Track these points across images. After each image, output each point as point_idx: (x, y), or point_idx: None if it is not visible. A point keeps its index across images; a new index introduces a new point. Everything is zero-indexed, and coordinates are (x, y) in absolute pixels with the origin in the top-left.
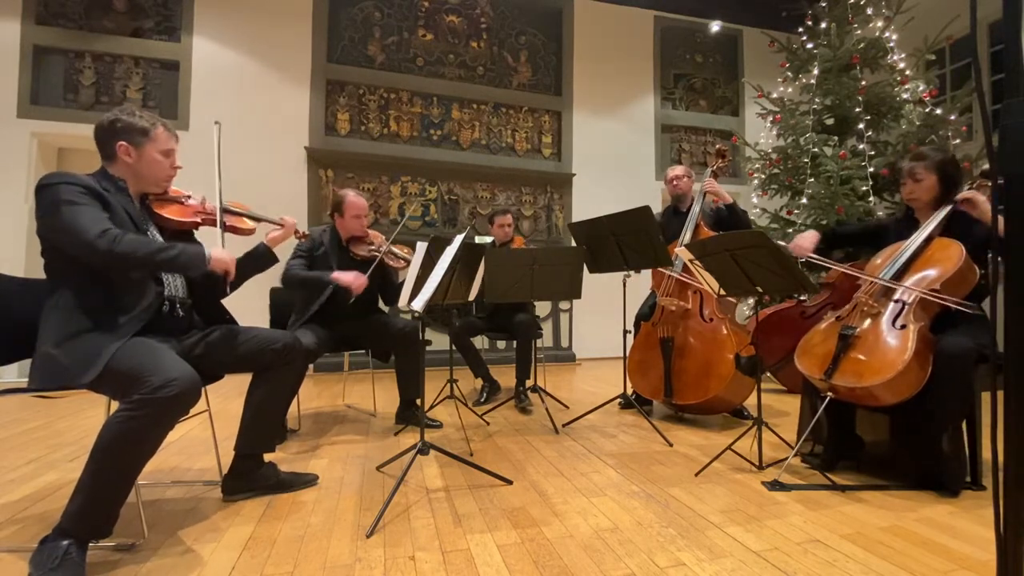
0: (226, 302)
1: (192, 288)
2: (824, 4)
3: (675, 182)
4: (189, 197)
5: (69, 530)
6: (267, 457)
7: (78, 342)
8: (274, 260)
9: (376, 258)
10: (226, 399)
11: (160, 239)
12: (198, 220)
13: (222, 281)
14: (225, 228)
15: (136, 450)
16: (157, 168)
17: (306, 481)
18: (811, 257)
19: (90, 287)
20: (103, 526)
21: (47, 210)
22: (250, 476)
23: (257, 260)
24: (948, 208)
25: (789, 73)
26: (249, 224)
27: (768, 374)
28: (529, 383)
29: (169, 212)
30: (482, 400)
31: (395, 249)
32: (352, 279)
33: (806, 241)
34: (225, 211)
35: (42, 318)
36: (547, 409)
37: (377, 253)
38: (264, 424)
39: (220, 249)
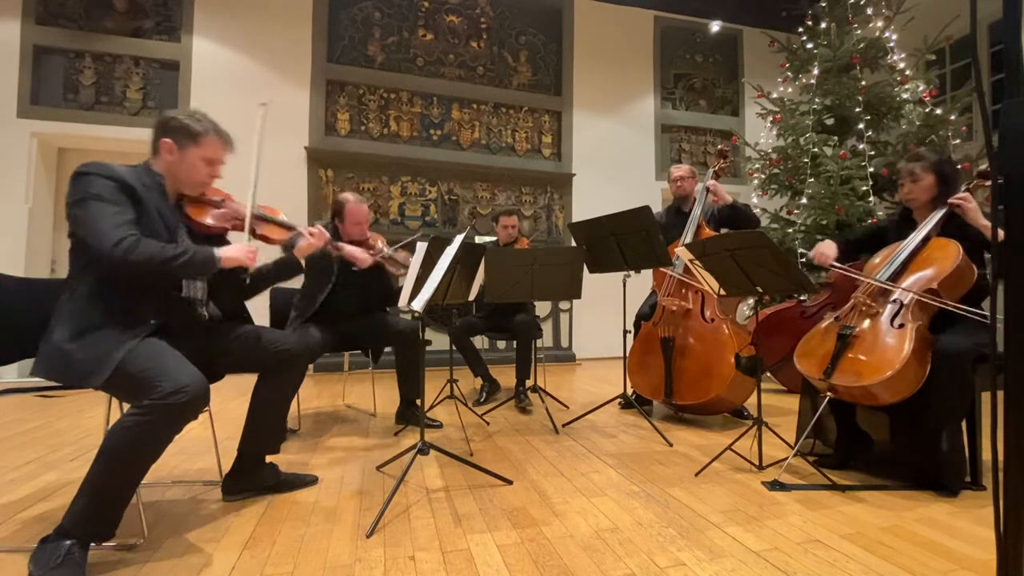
0: None
1: (212, 289)
2: (824, 4)
3: (679, 183)
4: (224, 201)
5: (71, 531)
6: (268, 458)
7: (92, 339)
8: (300, 270)
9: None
10: (226, 399)
11: (187, 241)
12: (228, 226)
13: (242, 282)
14: (255, 236)
15: (143, 454)
16: (194, 172)
17: (306, 481)
18: (834, 266)
19: (110, 281)
20: (106, 529)
21: (75, 199)
22: (251, 476)
23: (283, 269)
24: (945, 209)
25: (789, 73)
26: (280, 234)
27: (768, 374)
28: (529, 383)
29: (201, 216)
30: (482, 400)
31: (396, 256)
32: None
33: (830, 250)
34: (258, 218)
35: (58, 306)
36: (547, 409)
37: (376, 257)
38: (268, 425)
39: (230, 247)
